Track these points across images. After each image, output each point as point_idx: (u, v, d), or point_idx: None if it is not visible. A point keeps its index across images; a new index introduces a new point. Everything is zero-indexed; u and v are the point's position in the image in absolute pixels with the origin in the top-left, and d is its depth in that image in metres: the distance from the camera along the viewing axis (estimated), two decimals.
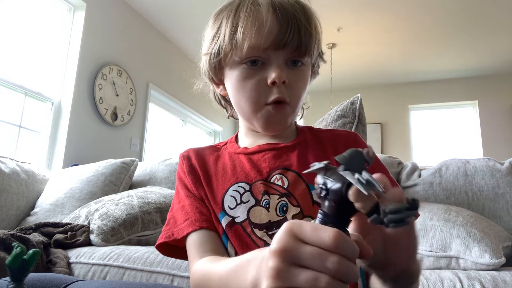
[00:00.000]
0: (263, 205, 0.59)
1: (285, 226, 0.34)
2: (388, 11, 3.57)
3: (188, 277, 0.98)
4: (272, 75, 0.59)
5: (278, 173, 0.62)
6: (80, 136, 2.90)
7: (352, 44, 4.22)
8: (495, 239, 1.02)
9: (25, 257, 0.43)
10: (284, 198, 0.59)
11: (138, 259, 1.06)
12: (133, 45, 3.57)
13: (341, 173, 0.33)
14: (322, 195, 0.34)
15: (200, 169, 0.67)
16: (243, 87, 0.62)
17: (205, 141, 5.23)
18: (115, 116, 3.24)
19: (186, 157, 0.70)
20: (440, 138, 5.10)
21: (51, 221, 1.42)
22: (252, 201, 0.60)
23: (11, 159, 1.84)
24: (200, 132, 5.08)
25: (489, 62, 4.61)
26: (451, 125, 5.14)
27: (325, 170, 0.35)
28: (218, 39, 0.64)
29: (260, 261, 0.38)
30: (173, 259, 1.03)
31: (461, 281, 0.83)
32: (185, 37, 4.13)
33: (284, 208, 0.58)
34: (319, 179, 0.35)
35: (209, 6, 3.63)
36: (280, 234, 0.33)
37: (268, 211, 0.58)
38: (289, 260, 0.32)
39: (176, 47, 4.32)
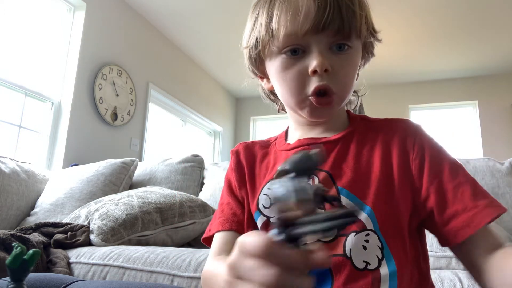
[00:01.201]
0: None
1: (238, 240, 0.34)
2: (388, 11, 3.57)
3: (187, 277, 0.98)
4: (312, 64, 0.54)
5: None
6: (80, 136, 2.90)
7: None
8: None
9: (25, 257, 0.43)
10: None
11: (138, 259, 1.06)
12: (133, 45, 3.57)
13: (283, 178, 0.32)
14: (271, 202, 0.34)
15: (247, 166, 0.65)
16: (284, 79, 0.58)
17: (205, 141, 5.23)
18: (115, 116, 3.24)
19: (235, 153, 0.68)
20: (440, 138, 5.08)
21: (51, 221, 1.42)
22: None
23: (11, 159, 1.84)
24: (200, 132, 5.08)
25: (489, 62, 4.61)
26: (451, 125, 5.14)
27: (279, 176, 0.34)
28: (255, 30, 0.60)
29: None
30: (173, 259, 1.03)
31: (461, 281, 0.83)
32: (185, 37, 4.13)
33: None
34: (273, 186, 0.34)
35: (209, 6, 3.65)
36: (234, 249, 0.33)
37: None
38: (234, 274, 0.32)
39: (176, 47, 4.32)
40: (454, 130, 5.10)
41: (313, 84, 0.55)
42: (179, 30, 4.00)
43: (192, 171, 1.89)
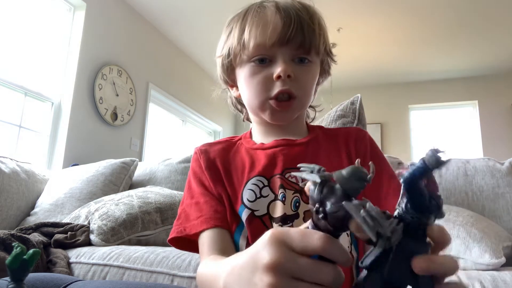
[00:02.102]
0: (279, 198, 0.61)
1: (271, 236, 0.33)
2: (388, 11, 3.57)
3: (188, 277, 0.98)
4: (277, 70, 0.62)
5: (293, 172, 0.64)
6: (80, 136, 2.90)
7: (352, 44, 4.22)
8: (495, 239, 1.02)
9: (25, 257, 0.43)
10: (298, 194, 0.61)
11: (138, 259, 1.06)
12: (133, 45, 3.57)
13: (344, 204, 0.30)
14: (319, 216, 0.32)
15: (221, 163, 0.68)
16: (250, 83, 0.65)
17: (205, 141, 5.22)
18: (115, 116, 3.24)
19: (203, 152, 0.71)
20: (440, 138, 5.10)
21: (51, 221, 1.42)
22: (272, 196, 0.62)
23: (11, 159, 1.84)
24: (200, 132, 5.08)
25: (489, 62, 4.61)
26: (451, 125, 5.14)
27: (322, 185, 0.33)
28: (228, 42, 0.68)
29: (231, 274, 0.38)
30: (173, 259, 1.03)
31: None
32: (185, 37, 4.13)
33: (297, 204, 0.60)
34: (315, 195, 0.33)
35: (209, 6, 3.64)
36: (269, 246, 0.32)
37: (284, 204, 0.60)
38: (286, 274, 0.31)
39: (176, 47, 4.32)
40: (454, 130, 5.10)
41: (277, 88, 0.63)
42: (179, 30, 4.00)
43: None
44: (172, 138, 4.42)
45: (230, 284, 0.38)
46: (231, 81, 0.72)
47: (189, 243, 0.65)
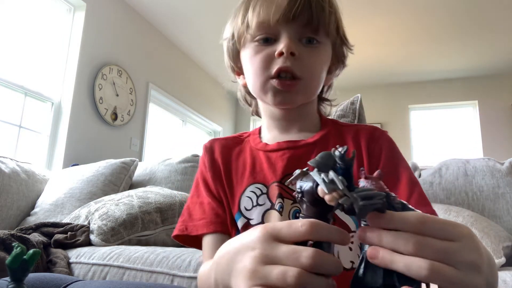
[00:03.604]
0: (276, 208, 0.57)
1: (261, 230, 0.35)
2: (388, 11, 3.57)
3: (188, 277, 0.98)
4: (280, 46, 0.57)
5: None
6: (80, 136, 2.90)
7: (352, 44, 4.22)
8: (495, 239, 1.02)
9: (25, 257, 0.43)
10: (297, 205, 0.57)
11: (138, 259, 1.06)
12: (133, 45, 3.57)
13: (311, 173, 0.35)
14: (298, 198, 0.36)
15: (222, 163, 0.65)
16: (252, 63, 0.60)
17: (205, 141, 5.22)
18: (115, 116, 3.24)
19: (209, 149, 0.68)
20: (440, 138, 5.09)
21: (51, 221, 1.42)
22: (268, 205, 0.58)
23: (11, 159, 1.84)
24: (200, 132, 5.08)
25: (489, 62, 4.61)
26: (451, 125, 5.14)
27: (302, 176, 0.37)
28: (233, 23, 0.65)
29: (216, 265, 0.41)
30: (173, 259, 1.03)
31: None
32: (185, 37, 4.13)
33: (297, 215, 0.57)
34: (297, 185, 0.37)
35: (209, 7, 3.64)
36: (256, 238, 0.34)
37: (281, 215, 0.57)
38: (265, 262, 0.33)
39: (176, 47, 4.32)
40: (454, 130, 5.10)
41: (277, 65, 0.57)
42: (179, 30, 4.00)
43: (192, 171, 1.89)
44: (172, 138, 4.42)
45: (219, 266, 0.40)
46: (238, 68, 0.67)
47: (192, 240, 0.64)
